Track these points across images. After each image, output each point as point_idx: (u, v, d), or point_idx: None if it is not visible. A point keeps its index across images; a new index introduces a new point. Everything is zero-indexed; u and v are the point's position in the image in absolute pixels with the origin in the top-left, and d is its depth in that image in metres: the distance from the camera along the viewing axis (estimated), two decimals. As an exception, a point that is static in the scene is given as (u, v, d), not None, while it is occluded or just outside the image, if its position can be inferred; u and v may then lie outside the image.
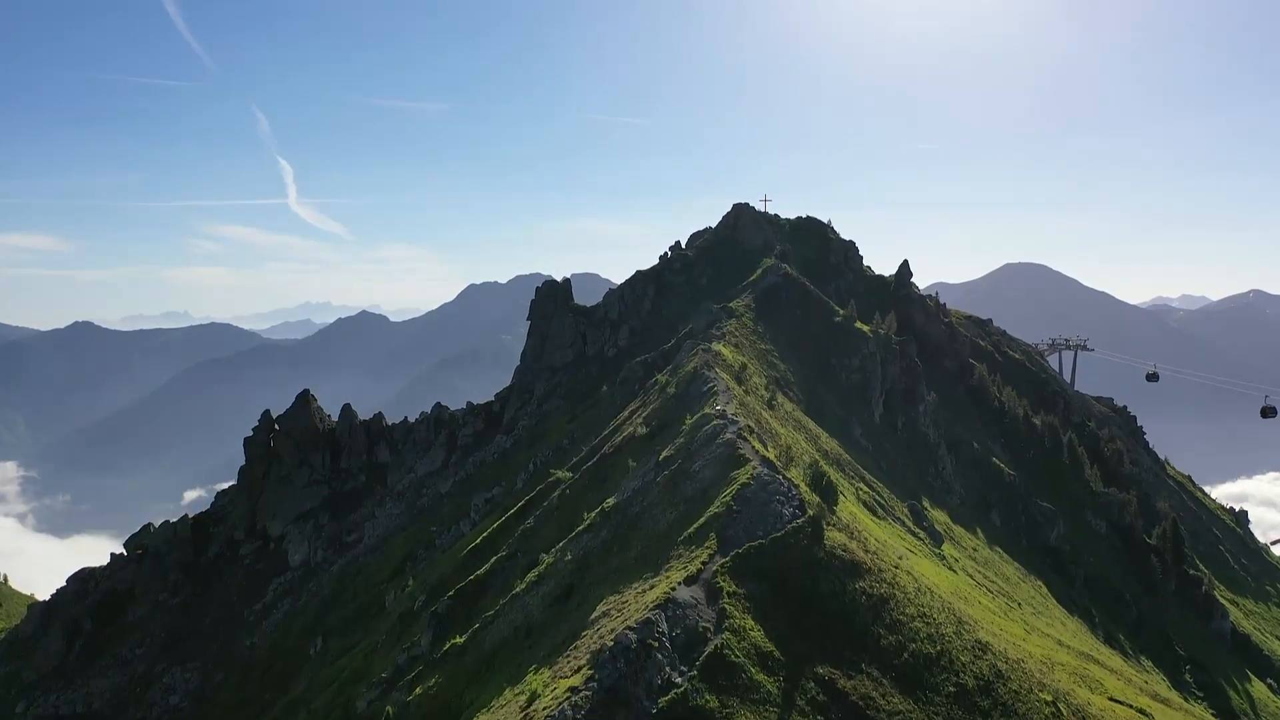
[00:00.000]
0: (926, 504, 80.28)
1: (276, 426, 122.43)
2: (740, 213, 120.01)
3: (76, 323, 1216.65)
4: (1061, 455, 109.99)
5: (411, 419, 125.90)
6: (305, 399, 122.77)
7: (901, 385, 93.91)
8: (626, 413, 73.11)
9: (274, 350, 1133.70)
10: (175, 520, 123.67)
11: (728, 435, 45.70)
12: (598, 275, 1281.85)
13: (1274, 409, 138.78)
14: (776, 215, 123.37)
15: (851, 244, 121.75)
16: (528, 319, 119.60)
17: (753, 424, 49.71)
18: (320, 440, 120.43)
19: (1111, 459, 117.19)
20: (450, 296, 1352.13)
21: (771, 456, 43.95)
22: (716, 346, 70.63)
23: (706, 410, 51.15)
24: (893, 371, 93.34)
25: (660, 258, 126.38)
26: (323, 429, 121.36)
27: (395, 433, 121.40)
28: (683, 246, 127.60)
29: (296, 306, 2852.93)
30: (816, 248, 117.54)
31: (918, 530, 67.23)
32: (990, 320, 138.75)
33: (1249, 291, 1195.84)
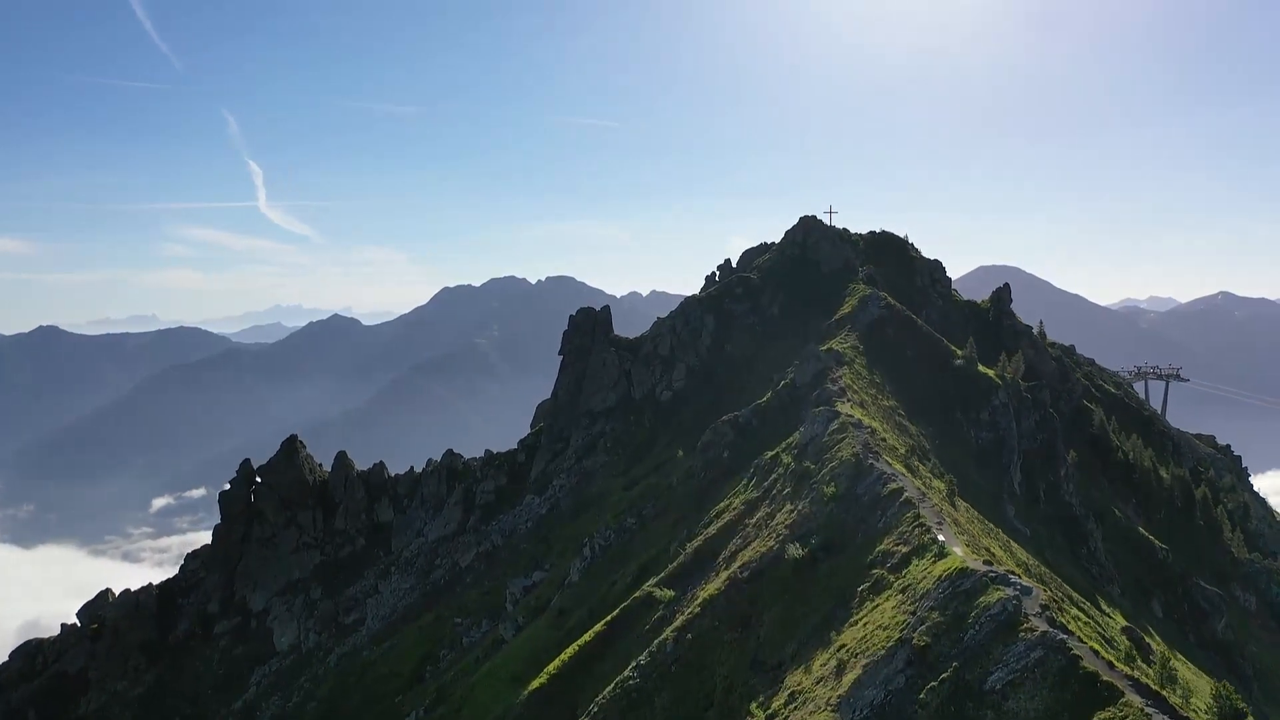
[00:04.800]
0: (1104, 606, 63.21)
1: (258, 478, 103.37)
2: (810, 227, 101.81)
3: (41, 327, 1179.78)
4: (1194, 515, 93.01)
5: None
6: (292, 446, 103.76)
7: (1037, 443, 76.55)
8: (740, 503, 54.98)
9: (244, 354, 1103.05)
10: (137, 589, 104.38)
11: (1036, 623, 27.90)
12: (573, 279, 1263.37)
13: None
14: (845, 229, 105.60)
15: (938, 264, 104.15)
16: (559, 353, 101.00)
17: (1052, 593, 31.95)
18: (310, 495, 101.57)
19: (1238, 514, 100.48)
20: (424, 299, 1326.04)
21: (1130, 672, 26.26)
22: (867, 420, 52.79)
23: (957, 562, 33.15)
24: (1027, 426, 75.99)
25: (708, 279, 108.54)
26: (313, 481, 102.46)
27: (399, 486, 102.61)
28: (733, 265, 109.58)
29: (267, 310, 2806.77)
30: (898, 268, 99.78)
31: (1146, 667, 49.77)
32: (1073, 346, 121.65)
33: (1217, 293, 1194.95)
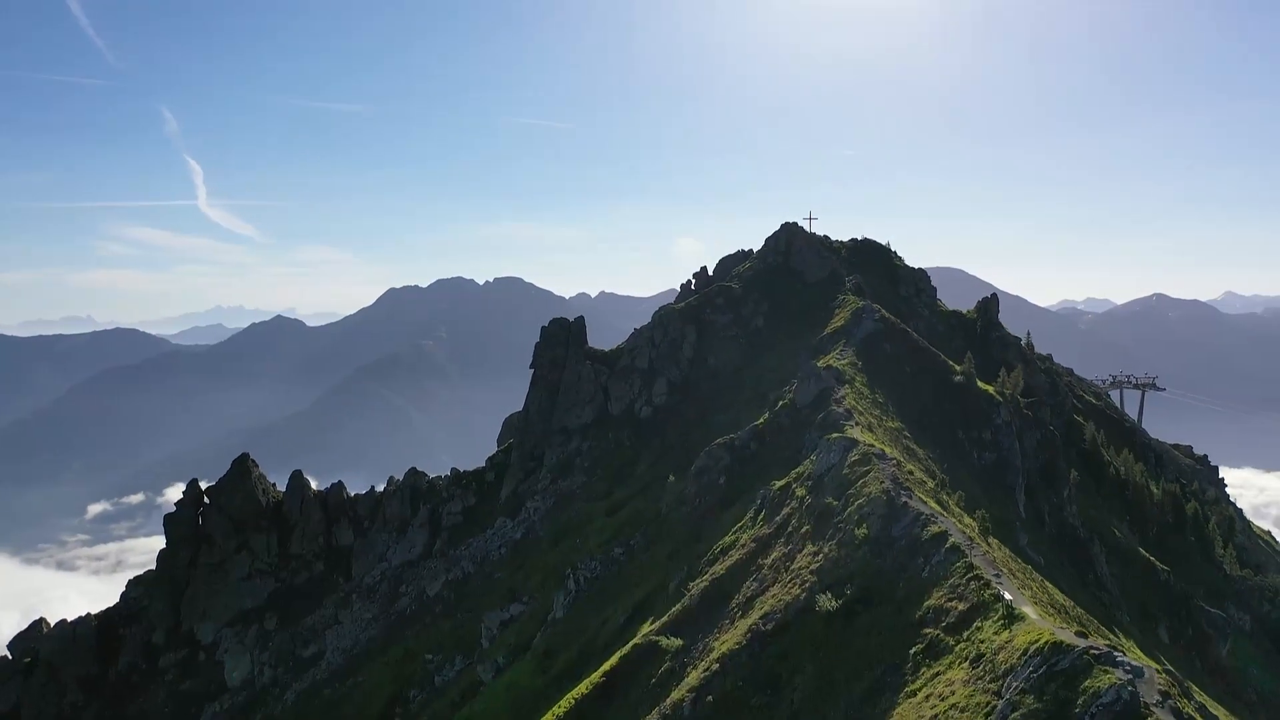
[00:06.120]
0: (1121, 638, 59.89)
1: (206, 499, 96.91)
2: (792, 235, 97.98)
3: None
4: (1185, 530, 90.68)
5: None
6: (244, 465, 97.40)
7: (1039, 463, 73.31)
8: (748, 540, 50.57)
9: (184, 357, 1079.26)
10: (74, 619, 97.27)
11: (1161, 716, 23.84)
12: (522, 280, 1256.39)
13: None
14: (826, 236, 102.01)
15: (922, 273, 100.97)
16: (530, 366, 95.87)
17: (1170, 676, 27.95)
18: (264, 517, 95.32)
19: (1223, 528, 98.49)
20: (370, 301, 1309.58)
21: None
22: (890, 449, 48.69)
23: (1046, 634, 28.91)
24: (1029, 446, 72.72)
25: (683, 287, 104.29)
26: (266, 503, 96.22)
27: (360, 507, 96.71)
28: (709, 273, 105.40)
29: (208, 311, 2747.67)
30: (883, 277, 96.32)
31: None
32: (1050, 356, 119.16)
33: (1151, 295, 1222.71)
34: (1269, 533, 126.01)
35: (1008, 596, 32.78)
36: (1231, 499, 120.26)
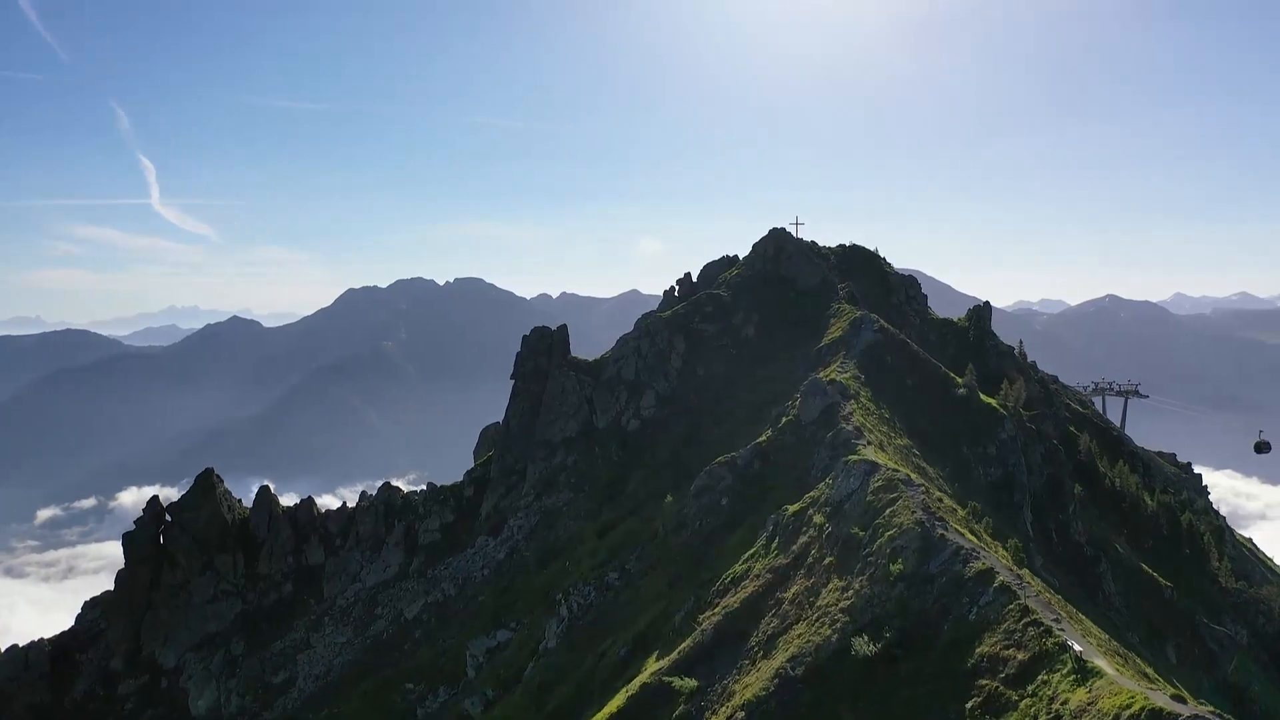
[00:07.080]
0: (1139, 662, 57.63)
1: (168, 517, 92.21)
2: (782, 241, 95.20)
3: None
4: (1179, 543, 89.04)
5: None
6: (208, 480, 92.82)
7: (1043, 478, 71.05)
8: (763, 569, 47.45)
9: (137, 359, 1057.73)
10: (26, 644, 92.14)
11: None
12: (482, 280, 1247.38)
13: (1268, 444, 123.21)
14: (814, 242, 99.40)
15: (913, 280, 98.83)
16: (511, 377, 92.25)
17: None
18: (229, 536, 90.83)
19: (1215, 539, 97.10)
20: (328, 301, 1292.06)
21: None
22: (916, 476, 45.91)
23: (1140, 699, 26.04)
24: (1034, 460, 70.45)
25: (666, 294, 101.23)
26: (232, 521, 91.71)
27: (331, 524, 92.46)
28: (693, 279, 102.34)
29: (161, 311, 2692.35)
30: (874, 284, 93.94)
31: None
32: (1035, 363, 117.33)
33: (1104, 296, 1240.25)
34: (1250, 539, 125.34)
35: (1076, 647, 29.95)
36: (1216, 508, 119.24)
